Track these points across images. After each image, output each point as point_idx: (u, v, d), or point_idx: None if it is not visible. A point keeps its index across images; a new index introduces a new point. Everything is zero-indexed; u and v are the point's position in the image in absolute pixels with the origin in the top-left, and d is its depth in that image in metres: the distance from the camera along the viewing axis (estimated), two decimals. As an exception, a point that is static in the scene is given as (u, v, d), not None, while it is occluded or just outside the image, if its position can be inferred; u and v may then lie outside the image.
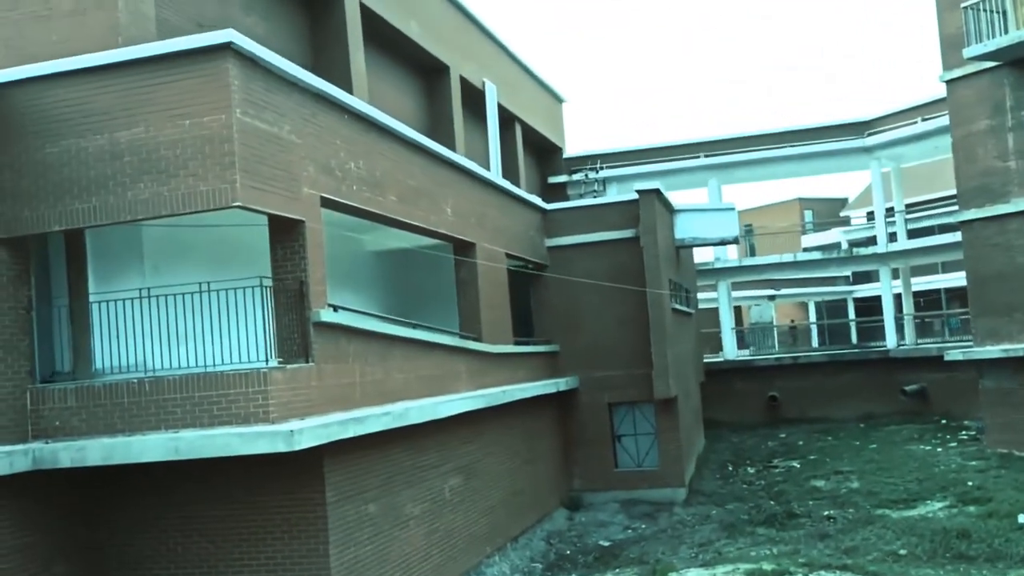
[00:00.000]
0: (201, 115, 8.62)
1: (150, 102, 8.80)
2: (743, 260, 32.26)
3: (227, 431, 8.52)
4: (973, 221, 22.08)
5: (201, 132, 8.62)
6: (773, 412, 31.22)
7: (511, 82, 27.59)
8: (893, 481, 20.23)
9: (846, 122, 31.01)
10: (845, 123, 30.99)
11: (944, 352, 23.57)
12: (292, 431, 8.38)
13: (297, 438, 8.40)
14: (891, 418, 29.18)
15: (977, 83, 21.74)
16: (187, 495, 9.76)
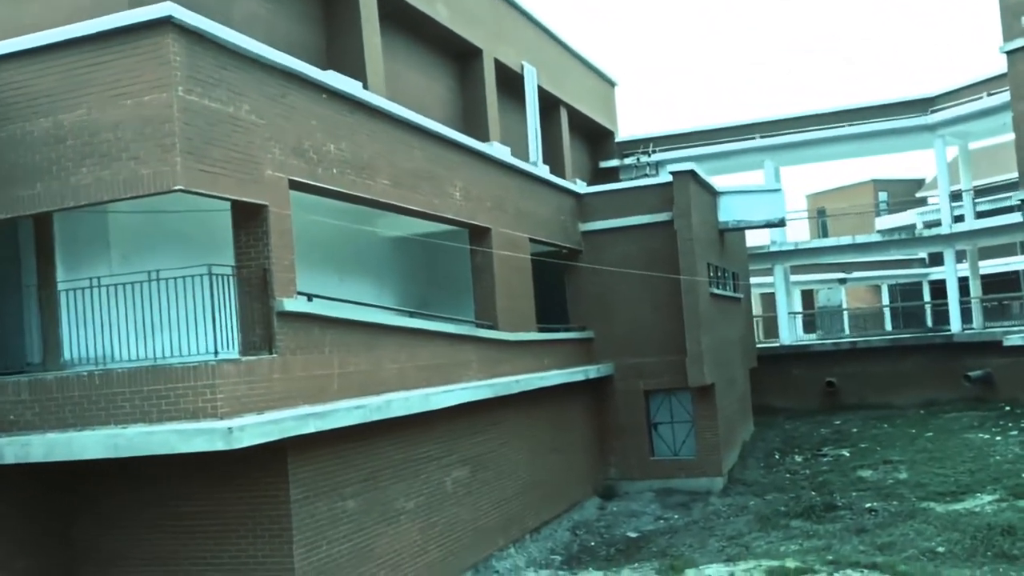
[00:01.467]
0: (142, 94, 8.32)
1: (92, 82, 8.56)
2: (799, 243, 31.22)
3: (168, 427, 8.31)
4: (1033, 200, 20.93)
5: (142, 112, 8.35)
6: (831, 398, 30.24)
7: (555, 65, 27.15)
8: (944, 472, 19.37)
9: (909, 99, 29.69)
10: (907, 100, 29.67)
11: (1004, 337, 22.39)
12: (231, 428, 8.09)
13: (237, 435, 8.11)
14: (954, 405, 27.98)
15: (1040, 53, 20.57)
16: (157, 491, 9.66)
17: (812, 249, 31.42)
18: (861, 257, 35.51)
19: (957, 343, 28.85)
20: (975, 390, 28.16)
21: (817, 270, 47.52)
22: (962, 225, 29.30)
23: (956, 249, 30.32)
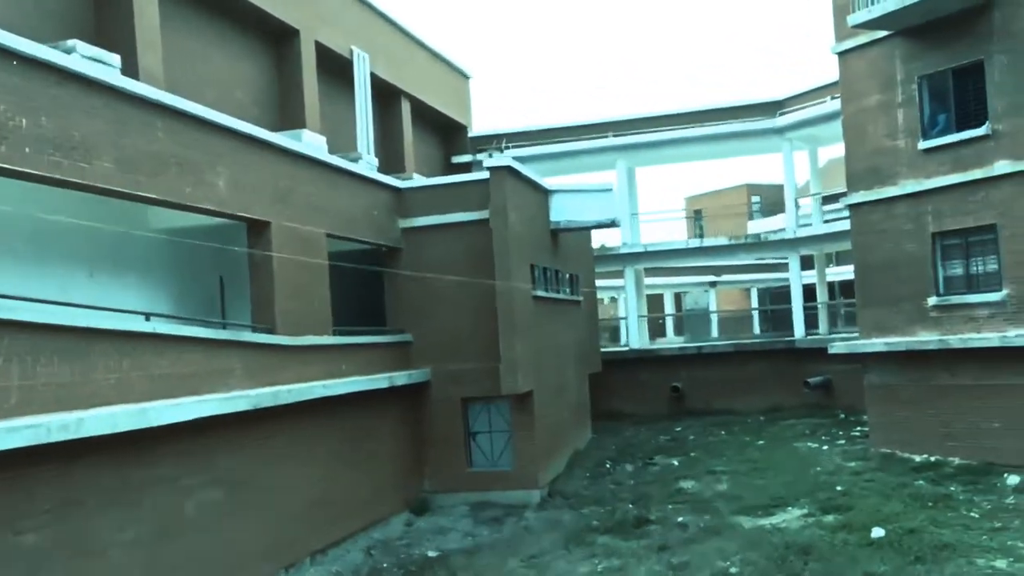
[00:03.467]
0: None
1: None
2: (648, 245, 30.73)
3: None
4: (861, 204, 20.64)
5: None
6: (677, 404, 29.82)
7: (395, 54, 25.84)
8: (763, 483, 18.88)
9: (757, 102, 29.52)
10: (756, 103, 29.49)
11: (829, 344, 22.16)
12: None
13: None
14: (794, 411, 27.88)
15: (868, 55, 20.24)
16: None
17: (663, 251, 30.95)
18: (708, 261, 35.34)
19: (799, 349, 28.78)
20: (815, 396, 28.13)
21: (690, 273, 47.63)
22: (806, 230, 29.26)
23: (801, 254, 30.33)
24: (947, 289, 19.07)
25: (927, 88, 19.19)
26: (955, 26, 18.34)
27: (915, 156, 19.34)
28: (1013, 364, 17.62)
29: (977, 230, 18.40)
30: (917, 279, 19.40)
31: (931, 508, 16.00)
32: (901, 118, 19.57)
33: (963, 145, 18.43)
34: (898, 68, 19.55)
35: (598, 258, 29.69)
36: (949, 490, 17.12)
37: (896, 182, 19.75)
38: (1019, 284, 17.59)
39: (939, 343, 18.74)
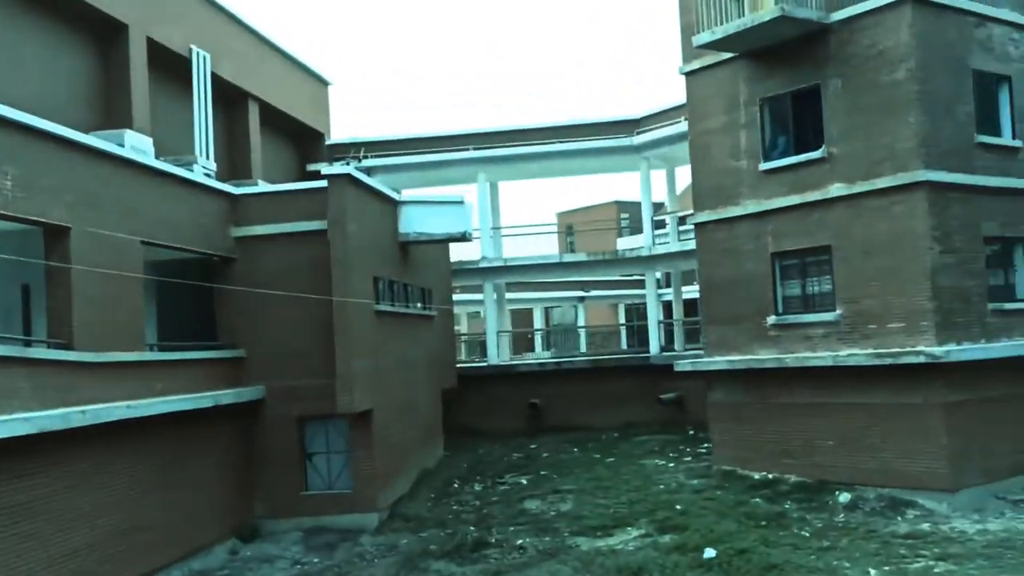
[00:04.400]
0: None
1: None
2: (509, 260, 30.45)
3: None
4: (706, 224, 20.80)
5: None
6: (535, 420, 29.53)
7: (244, 56, 24.81)
8: (606, 503, 18.68)
9: (617, 119, 29.62)
10: (616, 120, 29.59)
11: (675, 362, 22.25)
12: None
13: None
14: (649, 427, 27.97)
15: (714, 76, 20.44)
16: None
17: (524, 266, 30.68)
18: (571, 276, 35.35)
19: (655, 365, 28.93)
20: (668, 413, 28.31)
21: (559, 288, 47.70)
22: (662, 247, 29.51)
23: (657, 271, 30.59)
24: (785, 308, 19.34)
25: (768, 111, 19.48)
26: (794, 51, 18.66)
27: (757, 177, 19.60)
28: (845, 382, 17.94)
29: (813, 251, 18.71)
30: (758, 298, 19.61)
31: (764, 527, 16.07)
32: (744, 139, 19.80)
33: (801, 167, 18.75)
34: (742, 90, 19.79)
35: (457, 272, 29.20)
36: (784, 508, 17.28)
37: (739, 202, 19.97)
38: (851, 304, 17.94)
39: (776, 361, 18.96)
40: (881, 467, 17.44)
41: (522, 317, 53.94)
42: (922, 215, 16.83)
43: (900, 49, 17.01)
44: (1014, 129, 18.56)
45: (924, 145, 16.86)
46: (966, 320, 17.21)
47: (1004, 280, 18.35)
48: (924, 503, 16.70)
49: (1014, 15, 18.59)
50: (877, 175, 17.46)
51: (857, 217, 17.84)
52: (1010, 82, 18.52)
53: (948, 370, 16.67)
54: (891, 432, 17.34)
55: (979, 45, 18.02)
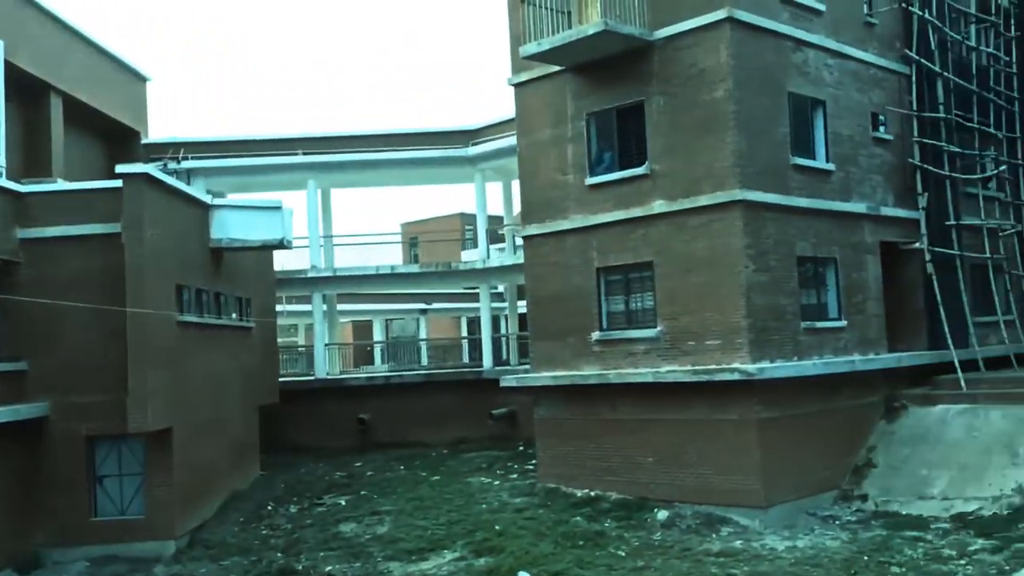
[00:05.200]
0: None
1: None
2: (339, 270, 29.42)
3: None
4: (534, 237, 20.51)
5: None
6: (364, 437, 28.54)
7: (47, 45, 22.93)
8: (425, 524, 18.01)
9: (452, 129, 29.15)
10: (451, 131, 29.12)
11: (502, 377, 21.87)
12: None
13: None
14: (480, 443, 27.47)
15: (542, 88, 20.22)
16: None
17: (354, 277, 29.69)
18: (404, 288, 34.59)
19: (488, 380, 28.45)
20: (499, 428, 27.93)
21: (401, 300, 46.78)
22: (496, 260, 29.19)
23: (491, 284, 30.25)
24: (610, 324, 19.22)
25: (595, 125, 19.38)
26: (620, 66, 18.62)
27: (583, 192, 19.44)
28: (665, 399, 17.92)
29: (637, 267, 18.67)
30: (583, 313, 19.43)
31: (581, 548, 15.78)
32: (571, 153, 19.63)
33: (625, 183, 18.70)
34: (569, 104, 19.63)
35: (283, 282, 27.95)
36: (604, 526, 17.06)
37: (566, 216, 19.77)
38: (672, 321, 17.96)
39: (599, 377, 18.81)
40: (698, 484, 17.49)
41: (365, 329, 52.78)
42: (738, 233, 17.00)
43: (719, 69, 17.18)
44: (828, 152, 19.09)
45: (740, 164, 17.07)
46: (779, 338, 17.50)
47: (816, 299, 18.82)
48: (739, 520, 16.81)
49: (829, 41, 19.16)
50: (697, 193, 17.57)
51: (678, 234, 17.90)
52: (824, 106, 19.06)
53: (761, 387, 16.87)
54: (708, 449, 17.42)
55: (796, 69, 18.46)
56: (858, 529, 16.23)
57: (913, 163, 20.81)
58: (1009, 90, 23.80)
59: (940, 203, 21.18)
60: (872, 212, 19.83)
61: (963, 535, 15.22)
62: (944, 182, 21.23)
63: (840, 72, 19.41)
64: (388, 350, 47.63)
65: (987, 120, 22.84)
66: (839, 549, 15.03)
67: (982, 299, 22.06)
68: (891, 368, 19.75)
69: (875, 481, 18.03)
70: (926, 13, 21.10)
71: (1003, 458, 17.15)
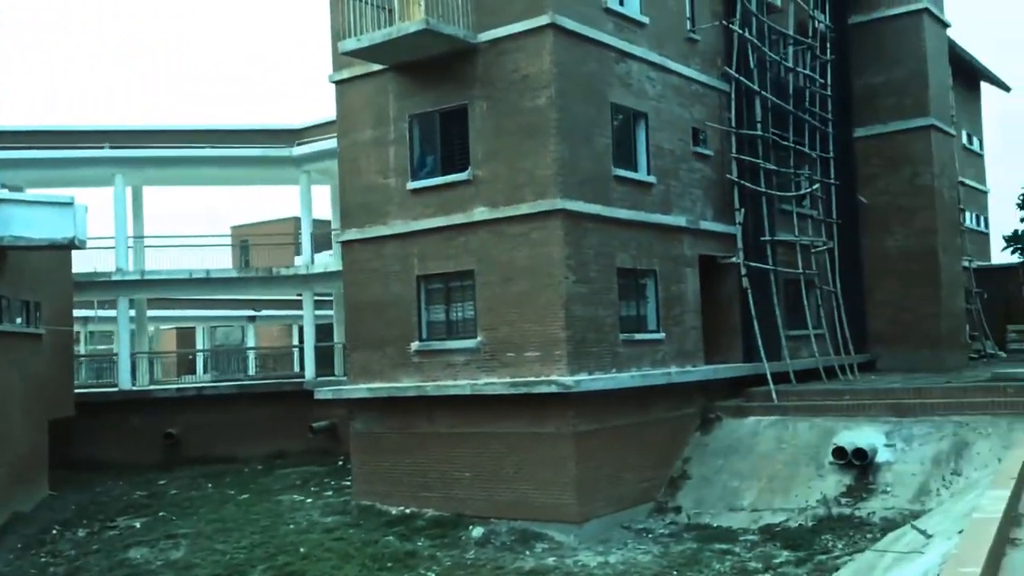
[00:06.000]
0: None
1: None
2: (148, 273, 27.54)
3: None
4: (353, 242, 19.63)
5: None
6: (172, 452, 26.75)
7: None
8: (224, 548, 16.80)
9: (275, 128, 27.90)
10: (274, 129, 27.86)
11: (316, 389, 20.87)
12: None
13: None
14: (299, 458, 26.18)
15: (364, 87, 19.40)
16: None
17: (165, 281, 27.86)
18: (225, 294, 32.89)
19: (307, 391, 27.21)
20: (320, 442, 26.76)
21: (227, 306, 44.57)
22: (321, 266, 28.04)
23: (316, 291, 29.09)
24: (429, 334, 18.56)
25: (417, 128, 18.72)
26: (443, 68, 18.05)
27: (404, 196, 18.73)
28: (483, 412, 17.40)
29: (458, 275, 18.10)
30: (403, 322, 18.70)
31: (389, 569, 15.04)
32: (392, 156, 18.89)
33: (448, 188, 18.12)
34: (391, 104, 18.90)
35: (83, 285, 25.86)
36: (416, 546, 16.35)
37: (386, 221, 18.99)
38: (492, 332, 17.47)
39: (417, 390, 18.12)
40: (515, 499, 17.03)
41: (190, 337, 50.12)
42: (558, 243, 16.70)
43: (542, 76, 16.85)
44: (649, 165, 19.12)
45: (562, 173, 16.78)
46: (598, 350, 17.29)
47: (636, 311, 18.78)
48: (554, 535, 16.43)
49: (652, 54, 19.22)
50: (519, 201, 17.17)
51: (499, 242, 17.44)
52: (647, 119, 19.08)
53: (579, 400, 16.60)
54: (525, 463, 17.00)
55: (619, 80, 18.38)
56: (670, 543, 16.16)
57: (731, 179, 21.20)
58: (824, 111, 24.74)
59: (756, 219, 21.69)
60: (692, 226, 20.03)
61: (770, 547, 15.36)
62: (760, 198, 21.76)
63: (663, 86, 19.52)
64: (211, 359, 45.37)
65: (802, 140, 23.64)
66: (649, 564, 14.89)
67: (794, 313, 22.76)
68: (707, 380, 19.98)
69: (689, 493, 18.10)
70: (746, 32, 21.59)
71: (809, 469, 17.54)
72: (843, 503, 16.47)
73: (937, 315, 25.18)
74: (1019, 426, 16.02)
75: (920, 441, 17.15)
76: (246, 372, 40.88)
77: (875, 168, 26.04)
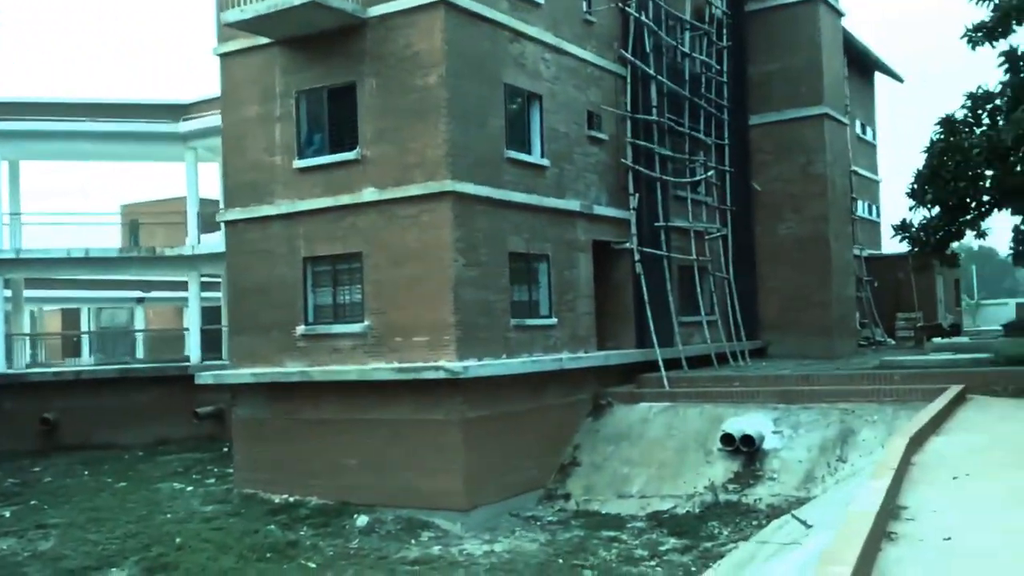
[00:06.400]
0: None
1: None
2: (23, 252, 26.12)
3: None
4: (237, 222, 18.90)
5: None
6: (48, 438, 25.54)
7: None
8: (96, 538, 16.04)
9: (161, 103, 26.72)
10: (160, 104, 26.69)
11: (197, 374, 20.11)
12: None
13: None
14: (184, 444, 25.35)
15: (250, 61, 18.64)
16: None
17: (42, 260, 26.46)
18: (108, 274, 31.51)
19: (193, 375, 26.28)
20: (207, 428, 25.91)
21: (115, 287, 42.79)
22: (207, 246, 27.06)
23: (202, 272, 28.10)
24: (316, 318, 18.01)
25: (305, 104, 18.07)
26: (332, 43, 17.44)
27: (291, 175, 18.09)
28: (371, 398, 16.98)
29: (346, 258, 17.58)
30: (289, 306, 18.09)
31: (268, 561, 14.55)
32: (279, 133, 18.21)
33: (335, 168, 17.55)
34: (278, 79, 18.19)
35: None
36: (299, 535, 15.87)
37: (272, 201, 18.32)
38: (380, 316, 17.03)
39: (302, 375, 17.57)
40: (402, 487, 16.66)
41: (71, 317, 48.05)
42: (448, 226, 16.32)
43: (433, 54, 16.41)
44: (543, 148, 18.88)
45: (453, 154, 16.39)
46: (488, 335, 17.02)
47: (528, 296, 18.56)
48: (441, 524, 16.15)
49: (547, 35, 18.96)
50: (408, 182, 16.72)
51: (388, 224, 16.98)
52: (541, 101, 18.82)
53: (468, 386, 16.31)
54: (413, 450, 16.64)
55: (513, 60, 18.06)
56: (558, 530, 16.04)
57: (626, 164, 21.14)
58: (719, 98, 24.92)
59: (651, 204, 21.70)
60: (586, 210, 19.89)
61: (657, 534, 15.35)
62: (655, 184, 21.78)
63: (557, 68, 19.28)
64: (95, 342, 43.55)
65: (698, 126, 23.76)
66: (536, 552, 14.73)
67: (688, 300, 22.91)
68: (600, 366, 19.92)
69: (578, 480, 18.03)
70: (643, 16, 21.51)
71: (698, 456, 17.62)
72: (730, 490, 16.58)
73: (827, 302, 25.68)
74: (904, 413, 16.29)
75: (807, 428, 17.37)
76: (134, 355, 39.40)
77: (769, 156, 26.37)
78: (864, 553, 6.10)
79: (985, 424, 14.16)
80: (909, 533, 7.50)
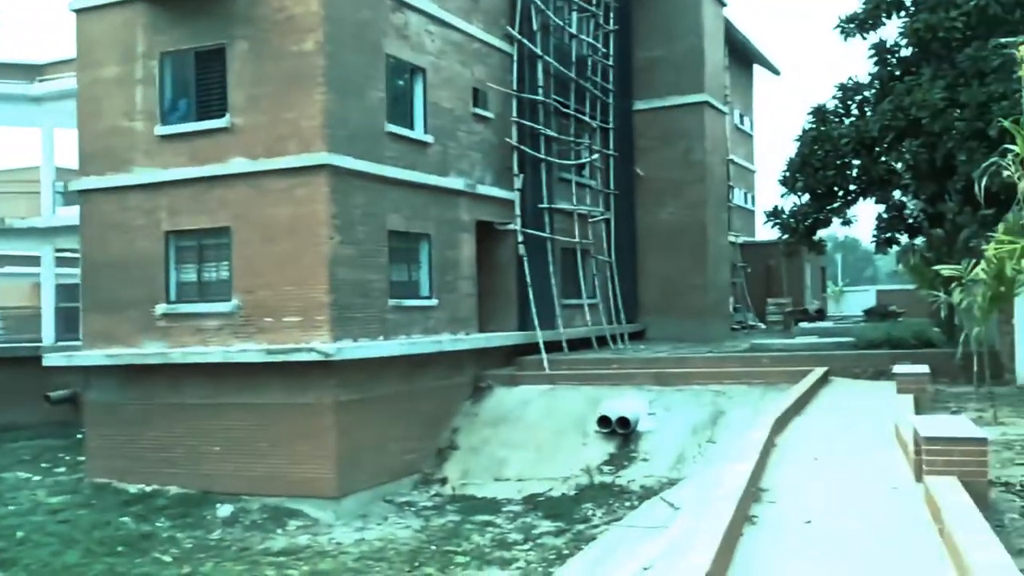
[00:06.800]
0: None
1: None
2: None
3: None
4: (92, 192, 17.58)
5: None
6: None
7: None
8: (-77, 536, 14.54)
9: (13, 62, 24.76)
10: (10, 63, 24.68)
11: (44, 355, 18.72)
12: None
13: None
14: (35, 430, 23.63)
15: (109, 18, 17.32)
16: None
17: None
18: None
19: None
20: (61, 413, 24.22)
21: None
22: (63, 219, 25.29)
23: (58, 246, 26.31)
24: (179, 296, 16.92)
25: (169, 67, 16.91)
26: (200, 2, 16.33)
27: (152, 142, 16.90)
28: (236, 381, 16.07)
29: (213, 232, 16.54)
30: (149, 283, 16.94)
31: (118, 555, 13.52)
32: (140, 97, 16.98)
33: (202, 136, 16.47)
34: (140, 39, 16.96)
35: None
36: (155, 527, 14.89)
37: (131, 169, 17.10)
38: (248, 295, 16.09)
39: (162, 357, 16.48)
40: (269, 474, 15.83)
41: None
42: (324, 201, 15.50)
43: (309, 18, 15.53)
44: (426, 123, 18.23)
45: (330, 126, 15.56)
46: (365, 316, 16.30)
47: (407, 276, 17.93)
48: (310, 512, 15.42)
49: (432, 7, 18.29)
50: (281, 153, 15.82)
51: (259, 198, 16.04)
52: (425, 75, 18.16)
53: (341, 368, 15.59)
54: (281, 435, 15.83)
55: (395, 31, 17.32)
56: (432, 515, 15.53)
57: (511, 143, 20.69)
58: (605, 81, 24.74)
59: (535, 186, 21.34)
60: (469, 190, 19.36)
61: (532, 517, 15.05)
62: (540, 165, 21.42)
63: (442, 41, 18.64)
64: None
65: (583, 108, 23.52)
66: (409, 539, 14.19)
67: (570, 282, 22.70)
68: (481, 348, 19.49)
69: (456, 464, 17.56)
70: (530, -7, 21.08)
71: (575, 438, 17.40)
72: (605, 471, 16.42)
73: (703, 287, 25.94)
74: (771, 395, 16.49)
75: (680, 409, 17.39)
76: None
77: (652, 141, 26.40)
78: (724, 542, 5.92)
79: (845, 405, 14.42)
80: (770, 517, 7.34)
